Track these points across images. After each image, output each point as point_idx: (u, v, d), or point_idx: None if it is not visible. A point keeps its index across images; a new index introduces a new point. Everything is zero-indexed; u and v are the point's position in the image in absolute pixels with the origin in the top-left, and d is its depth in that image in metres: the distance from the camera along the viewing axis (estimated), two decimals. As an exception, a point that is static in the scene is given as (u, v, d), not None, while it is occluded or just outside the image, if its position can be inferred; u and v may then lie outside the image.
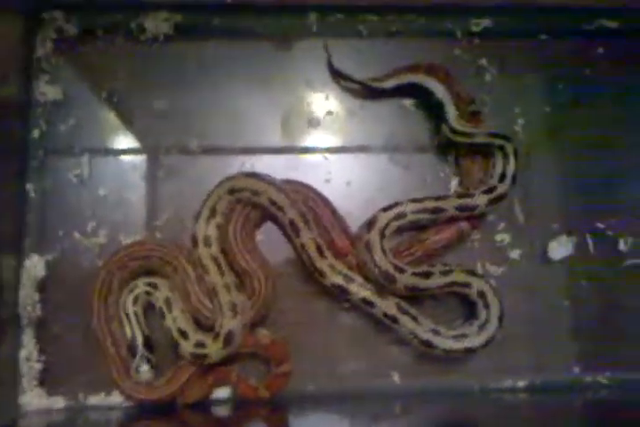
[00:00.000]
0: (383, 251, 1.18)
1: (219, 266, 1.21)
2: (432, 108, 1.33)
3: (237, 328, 1.16)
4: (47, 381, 1.23)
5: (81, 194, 1.30)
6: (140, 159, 1.33)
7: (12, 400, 1.21)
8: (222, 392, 1.24)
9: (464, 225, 1.25)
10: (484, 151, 1.28)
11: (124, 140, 1.34)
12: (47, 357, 1.24)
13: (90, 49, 1.34)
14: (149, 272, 1.25)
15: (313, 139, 1.36)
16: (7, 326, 1.22)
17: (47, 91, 1.33)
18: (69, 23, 1.34)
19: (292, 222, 1.21)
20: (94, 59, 1.35)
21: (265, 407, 1.19)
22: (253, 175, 1.23)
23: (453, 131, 1.26)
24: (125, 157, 1.33)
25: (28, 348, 1.24)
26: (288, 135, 1.36)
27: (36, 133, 1.32)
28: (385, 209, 1.22)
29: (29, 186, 1.30)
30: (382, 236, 1.19)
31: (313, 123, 1.36)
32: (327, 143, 1.36)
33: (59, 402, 1.23)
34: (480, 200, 1.22)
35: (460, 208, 1.22)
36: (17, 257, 1.26)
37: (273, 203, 1.21)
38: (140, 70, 1.35)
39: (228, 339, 1.16)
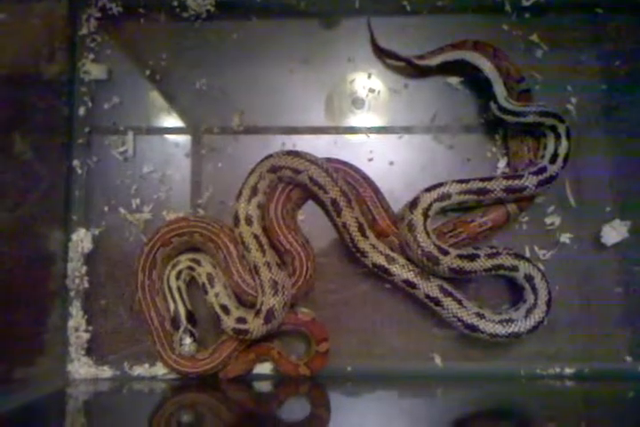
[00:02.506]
0: (426, 232, 1.14)
1: (260, 244, 1.18)
2: (479, 87, 1.26)
3: (278, 306, 1.14)
4: (94, 351, 1.24)
5: (125, 171, 1.29)
6: (182, 138, 1.31)
7: (60, 369, 1.22)
8: (264, 368, 1.22)
9: (511, 207, 1.19)
10: (534, 131, 1.21)
11: (168, 119, 1.31)
12: (94, 327, 1.25)
13: (133, 27, 1.31)
14: (192, 248, 1.24)
15: (356, 118, 1.30)
16: (56, 297, 1.24)
17: (91, 69, 1.31)
18: (113, 2, 1.31)
19: (333, 202, 1.16)
20: (137, 37, 1.32)
21: (305, 385, 1.17)
22: (295, 154, 1.19)
23: (502, 110, 1.19)
24: (168, 136, 1.31)
25: (76, 318, 1.25)
26: (330, 114, 1.31)
27: (81, 111, 1.31)
28: (428, 189, 1.16)
29: (75, 162, 1.30)
30: (426, 216, 1.14)
31: (356, 102, 1.30)
32: (370, 122, 1.30)
33: (105, 372, 1.24)
34: (529, 181, 1.14)
35: (508, 190, 1.15)
36: (65, 231, 1.27)
37: (314, 182, 1.17)
38: (183, 48, 1.31)
39: (269, 316, 1.14)
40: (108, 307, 1.26)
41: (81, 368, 1.24)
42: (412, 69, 1.29)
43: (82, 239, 1.27)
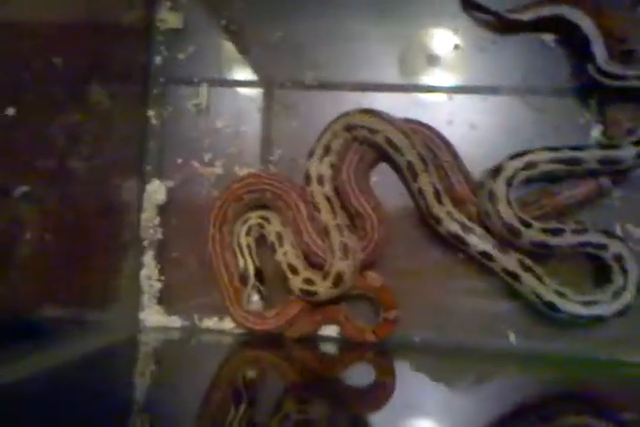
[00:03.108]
0: (508, 202, 1.07)
1: (331, 206, 1.15)
2: (576, 46, 1.15)
3: (347, 269, 1.11)
4: (165, 300, 1.25)
5: (199, 124, 1.27)
6: (256, 92, 1.27)
7: (133, 316, 1.25)
8: (330, 330, 1.21)
9: (604, 180, 1.11)
10: (636, 97, 1.11)
11: (241, 72, 1.28)
12: (166, 278, 1.26)
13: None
14: (263, 205, 1.22)
15: (437, 76, 1.22)
16: (130, 246, 1.25)
17: (168, 18, 1.27)
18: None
19: (409, 165, 1.11)
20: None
21: (370, 351, 1.16)
22: (371, 112, 1.14)
23: (601, 72, 1.09)
24: (242, 89, 1.28)
25: (149, 268, 1.26)
26: (410, 72, 1.23)
27: (157, 60, 1.28)
28: (513, 157, 1.09)
29: (151, 113, 1.28)
30: (509, 186, 1.08)
31: (438, 59, 1.23)
32: (453, 82, 1.22)
33: (175, 321, 1.25)
34: (627, 153, 1.05)
35: (603, 161, 1.06)
36: (139, 182, 1.27)
37: (390, 143, 1.12)
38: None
39: (338, 279, 1.11)
40: (179, 258, 1.25)
41: (152, 317, 1.26)
42: (502, 25, 1.20)
43: (156, 190, 1.27)
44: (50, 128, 1.00)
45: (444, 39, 1.23)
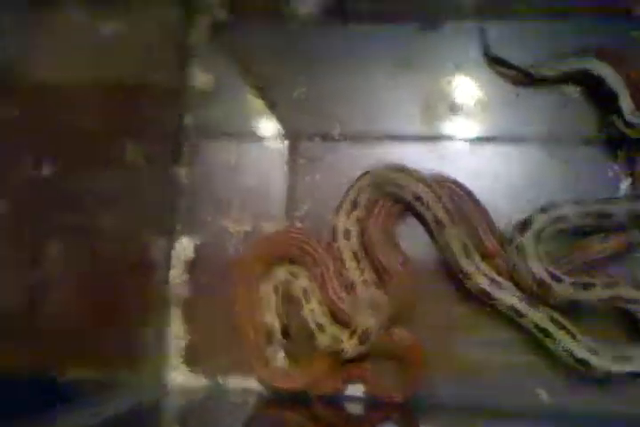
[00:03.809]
0: (538, 256, 1.05)
1: (358, 261, 1.15)
2: (602, 98, 1.15)
3: (375, 327, 1.09)
4: (191, 359, 1.23)
5: (228, 180, 1.28)
6: (282, 146, 1.29)
7: (159, 376, 1.23)
8: (356, 390, 1.17)
9: (635, 233, 1.08)
10: (664, 148, 1.10)
11: (269, 128, 1.30)
12: (192, 336, 1.24)
13: (239, 34, 1.30)
14: (290, 261, 1.21)
15: (462, 128, 1.23)
16: (158, 303, 1.25)
17: (200, 79, 1.31)
18: (222, 8, 1.30)
19: (436, 219, 1.11)
20: (242, 45, 1.31)
21: (397, 410, 1.13)
22: (398, 168, 1.15)
23: (629, 124, 1.08)
24: (269, 145, 1.29)
25: (176, 326, 1.24)
26: (435, 123, 1.26)
27: (188, 119, 1.31)
28: (543, 210, 1.08)
29: (181, 171, 1.30)
30: (538, 239, 1.06)
31: (461, 109, 1.24)
32: (476, 133, 1.23)
33: (200, 381, 1.22)
34: (658, 206, 1.04)
35: (633, 214, 1.05)
36: (169, 239, 1.27)
37: (417, 198, 1.12)
38: (285, 55, 1.30)
39: (365, 337, 1.09)
40: (206, 316, 1.24)
41: (178, 376, 1.23)
42: (527, 79, 1.21)
43: (185, 248, 1.27)
44: (84, 187, 1.02)
45: (466, 90, 1.24)
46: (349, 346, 1.11)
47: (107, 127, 1.06)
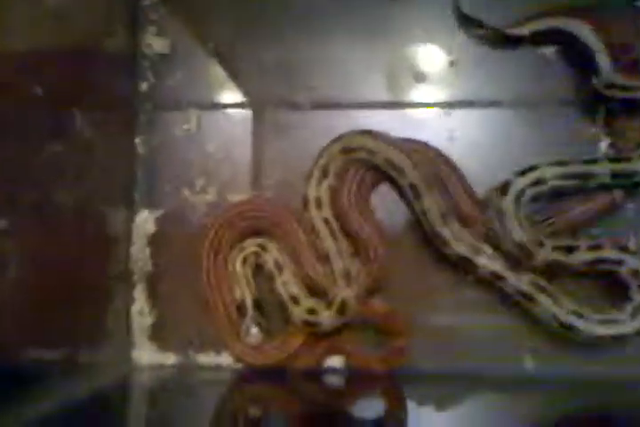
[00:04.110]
0: (518, 220, 1.03)
1: (331, 230, 1.10)
2: (578, 58, 1.11)
3: (351, 297, 1.06)
4: (158, 336, 1.19)
5: (189, 150, 1.21)
6: (247, 114, 1.22)
7: (124, 354, 1.19)
8: (335, 362, 1.14)
9: (617, 193, 1.06)
10: (644, 108, 1.07)
11: (231, 95, 1.23)
12: (158, 312, 1.19)
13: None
14: (259, 233, 1.16)
15: (434, 92, 1.18)
16: (120, 280, 1.19)
17: (154, 43, 1.23)
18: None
19: (412, 186, 1.07)
20: (200, 8, 1.23)
21: (379, 381, 1.10)
22: (369, 133, 1.09)
23: (607, 85, 1.06)
24: (232, 112, 1.23)
25: (140, 302, 1.20)
26: (406, 90, 1.21)
27: (143, 87, 1.23)
28: (521, 173, 1.05)
29: (138, 140, 1.23)
30: (518, 203, 1.03)
31: (434, 74, 1.19)
32: (450, 97, 1.18)
33: (169, 358, 1.18)
34: None
35: (615, 174, 1.03)
36: (128, 212, 1.22)
37: (391, 164, 1.07)
38: (247, 20, 1.23)
39: (342, 308, 1.05)
40: (172, 291, 1.19)
41: (145, 354, 1.19)
42: (500, 39, 1.16)
43: (145, 221, 1.21)
44: (31, 160, 0.95)
45: (438, 55, 1.20)
46: (326, 318, 1.08)
47: (54, 96, 0.99)
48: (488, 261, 1.05)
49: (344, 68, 1.21)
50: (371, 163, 1.10)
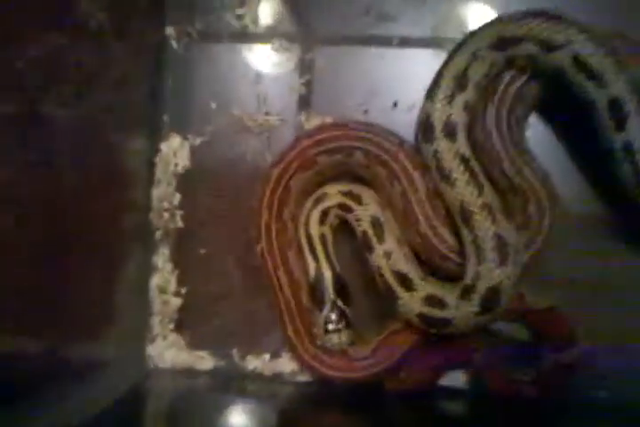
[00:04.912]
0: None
1: (472, 173, 0.74)
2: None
3: (507, 283, 0.70)
4: (188, 325, 0.88)
5: (243, 49, 0.89)
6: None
7: (137, 352, 0.87)
8: (456, 380, 0.83)
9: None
10: None
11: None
12: (189, 290, 0.88)
13: None
14: (348, 175, 0.84)
15: None
16: (135, 239, 0.88)
17: None
18: None
19: (614, 102, 0.70)
20: None
21: (521, 410, 0.77)
22: (548, 16, 0.73)
23: None
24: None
25: (164, 274, 0.88)
26: None
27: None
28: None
29: (169, 31, 0.89)
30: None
31: None
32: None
33: (203, 360, 0.88)
34: None
35: None
36: (149, 139, 0.89)
37: (585, 66, 0.70)
38: None
39: (491, 299, 0.71)
40: (211, 260, 0.89)
41: (167, 352, 0.88)
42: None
43: (175, 152, 0.89)
44: (13, 56, 0.68)
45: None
46: (461, 314, 0.74)
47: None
48: None
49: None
50: (544, 65, 0.75)
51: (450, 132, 0.75)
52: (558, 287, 0.80)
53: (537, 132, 0.82)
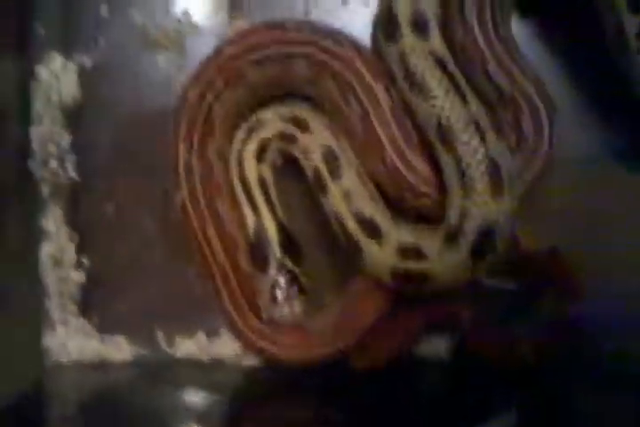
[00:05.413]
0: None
1: (450, 79, 0.58)
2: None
3: (502, 219, 0.56)
4: (95, 306, 0.72)
5: None
6: None
7: (33, 344, 0.70)
8: (436, 347, 0.69)
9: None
10: None
11: None
12: (93, 259, 0.71)
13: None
14: (290, 94, 0.68)
15: None
16: (10, 196, 0.69)
17: None
18: None
19: None
20: None
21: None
22: None
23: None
24: None
25: (58, 241, 0.71)
26: None
27: None
28: None
29: None
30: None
31: None
32: None
33: (119, 348, 0.71)
34: None
35: None
36: (20, 60, 0.71)
37: None
38: None
39: (483, 242, 0.56)
40: (118, 218, 0.72)
41: (71, 341, 0.72)
42: None
43: (57, 77, 0.71)
44: None
45: None
46: (442, 264, 0.60)
47: None
48: None
49: None
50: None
51: (420, 28, 0.60)
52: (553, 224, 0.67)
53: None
